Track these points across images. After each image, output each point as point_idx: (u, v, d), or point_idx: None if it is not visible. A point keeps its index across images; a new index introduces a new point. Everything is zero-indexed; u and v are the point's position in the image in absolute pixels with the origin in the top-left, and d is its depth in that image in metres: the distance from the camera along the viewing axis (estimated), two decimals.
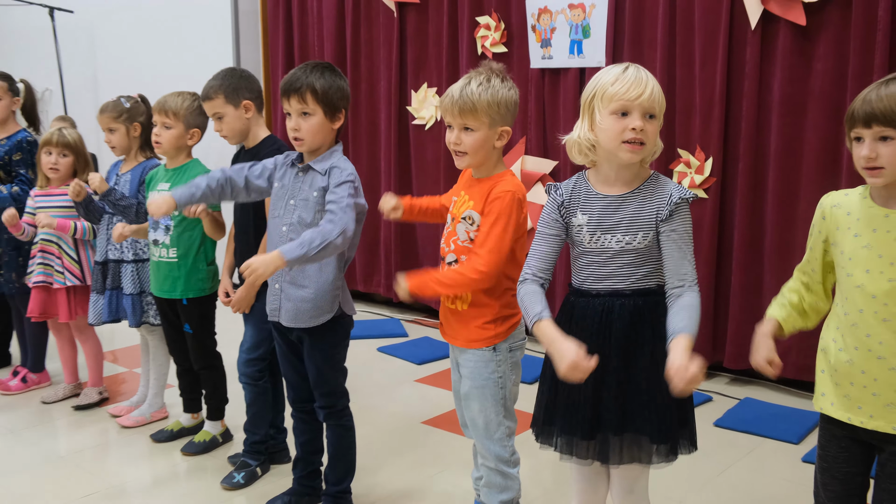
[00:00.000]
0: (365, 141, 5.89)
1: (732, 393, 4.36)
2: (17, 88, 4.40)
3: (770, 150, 4.19)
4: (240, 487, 3.37)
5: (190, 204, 2.94)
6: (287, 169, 2.92)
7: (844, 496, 2.14)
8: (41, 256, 4.07)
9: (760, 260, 4.30)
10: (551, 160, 4.96)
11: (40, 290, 4.07)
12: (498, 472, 2.73)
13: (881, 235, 2.00)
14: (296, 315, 2.88)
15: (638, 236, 2.15)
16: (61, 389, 4.34)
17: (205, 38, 6.51)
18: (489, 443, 2.71)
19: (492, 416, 2.69)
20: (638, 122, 2.08)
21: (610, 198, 2.19)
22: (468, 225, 2.60)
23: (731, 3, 4.19)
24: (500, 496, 2.75)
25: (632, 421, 2.17)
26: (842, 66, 3.94)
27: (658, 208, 2.14)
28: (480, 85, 2.54)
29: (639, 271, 2.18)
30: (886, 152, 1.92)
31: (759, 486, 3.38)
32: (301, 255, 2.60)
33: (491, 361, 2.65)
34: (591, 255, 2.21)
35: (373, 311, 5.97)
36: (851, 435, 2.09)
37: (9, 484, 3.44)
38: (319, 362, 2.96)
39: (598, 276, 2.21)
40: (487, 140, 2.58)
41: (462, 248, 2.63)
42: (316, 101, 2.78)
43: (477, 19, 5.16)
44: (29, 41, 7.75)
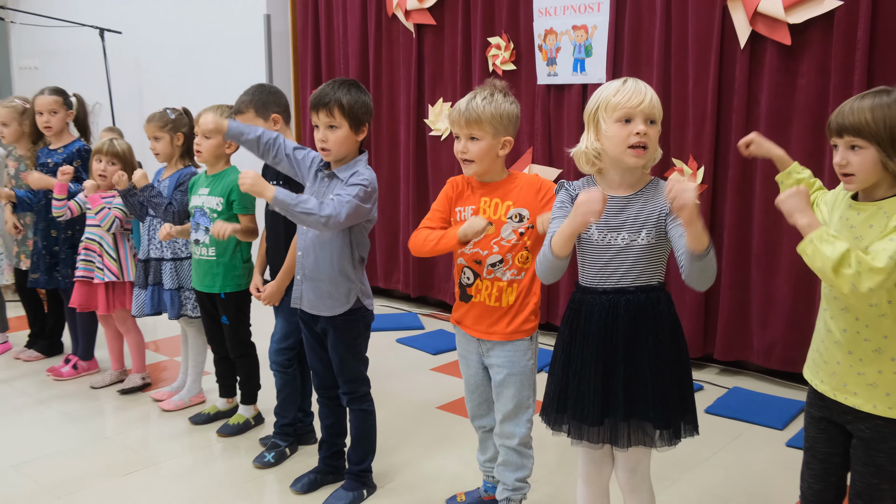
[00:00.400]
0: (386, 150, 5.91)
1: (722, 382, 4.35)
2: (71, 102, 4.44)
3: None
4: (270, 466, 3.39)
5: (236, 139, 2.94)
6: (317, 174, 2.94)
7: (823, 475, 2.15)
8: (84, 253, 4.11)
9: (748, 260, 4.29)
10: (556, 168, 4.96)
11: (82, 284, 4.12)
12: (517, 451, 2.74)
13: (843, 223, 2.04)
14: (314, 303, 2.92)
15: (642, 233, 2.16)
16: (108, 375, 4.37)
17: (240, 57, 6.53)
18: (515, 425, 2.73)
19: (524, 400, 2.71)
20: (641, 127, 2.10)
21: (616, 199, 2.19)
22: (516, 223, 2.61)
23: (722, 23, 4.18)
24: (516, 474, 2.76)
25: (637, 408, 2.17)
26: (824, 82, 3.93)
27: (661, 207, 2.15)
28: (485, 99, 2.58)
29: (641, 269, 2.18)
30: (856, 160, 1.95)
31: (745, 467, 3.37)
32: (284, 202, 2.64)
33: (528, 350, 2.69)
34: (598, 252, 2.21)
35: (392, 306, 5.98)
36: (828, 416, 2.11)
37: (60, 461, 3.47)
38: (342, 352, 2.97)
39: (603, 273, 2.21)
40: (492, 149, 2.60)
41: (507, 247, 2.63)
42: (342, 115, 2.79)
43: (488, 40, 5.16)
44: (81, 59, 7.80)
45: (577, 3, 4.72)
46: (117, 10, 7.47)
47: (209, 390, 4.11)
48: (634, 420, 2.19)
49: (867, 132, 1.92)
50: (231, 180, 3.53)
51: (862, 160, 1.94)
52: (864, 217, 1.99)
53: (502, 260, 2.64)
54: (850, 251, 1.83)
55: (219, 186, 3.55)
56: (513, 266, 2.64)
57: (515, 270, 2.64)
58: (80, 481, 3.28)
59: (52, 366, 4.57)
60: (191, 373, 4.07)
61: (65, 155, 4.34)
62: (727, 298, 4.34)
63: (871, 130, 1.91)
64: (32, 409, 4.05)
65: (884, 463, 2.01)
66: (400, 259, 5.93)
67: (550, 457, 3.42)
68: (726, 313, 4.36)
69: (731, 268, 4.31)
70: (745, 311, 4.31)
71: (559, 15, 4.80)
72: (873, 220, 1.97)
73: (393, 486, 3.22)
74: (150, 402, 4.11)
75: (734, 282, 4.31)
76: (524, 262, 2.64)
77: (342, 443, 3.21)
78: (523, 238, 2.62)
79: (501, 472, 2.80)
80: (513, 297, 2.66)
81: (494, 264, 2.65)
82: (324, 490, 3.15)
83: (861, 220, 1.99)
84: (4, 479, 3.31)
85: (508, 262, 2.63)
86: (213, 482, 3.29)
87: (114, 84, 7.17)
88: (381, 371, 4.17)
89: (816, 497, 2.17)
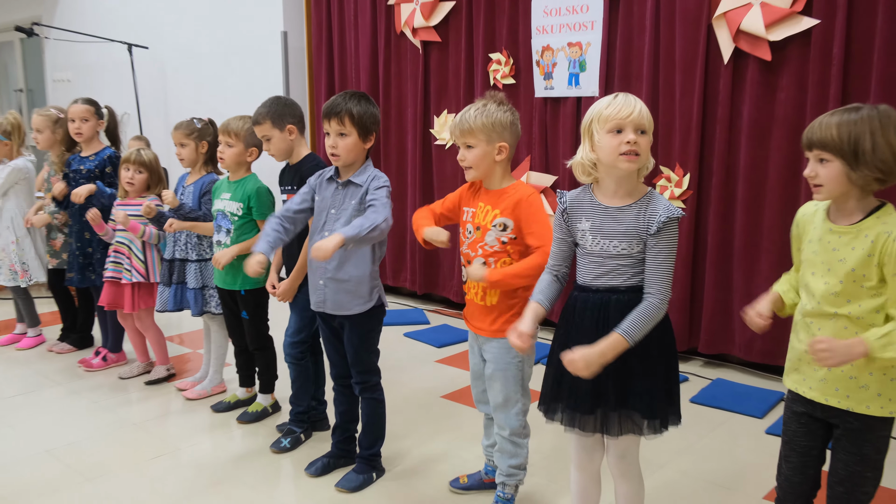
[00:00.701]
0: (394, 158, 5.91)
1: (706, 374, 4.35)
2: (102, 112, 4.44)
3: (739, 167, 4.18)
4: (286, 451, 3.40)
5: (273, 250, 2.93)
6: (325, 184, 2.95)
7: (801, 467, 2.14)
8: (114, 255, 4.11)
9: (730, 260, 4.29)
10: (552, 175, 4.97)
11: (110, 284, 4.12)
12: (510, 441, 2.76)
13: (824, 245, 2.02)
14: (340, 304, 2.92)
15: (632, 244, 2.16)
16: (135, 367, 4.38)
17: (259, 70, 6.54)
18: (507, 417, 2.74)
19: (511, 395, 2.72)
20: (631, 136, 2.10)
21: (612, 209, 2.19)
22: (499, 231, 2.61)
23: (707, 41, 4.18)
24: (510, 461, 2.78)
25: (626, 399, 2.18)
26: (801, 95, 3.94)
27: (648, 224, 2.14)
28: (477, 110, 2.59)
29: (632, 272, 2.18)
30: (823, 172, 1.96)
31: (728, 453, 3.38)
32: (355, 235, 2.61)
33: (512, 348, 2.67)
34: (593, 256, 2.22)
35: (400, 302, 5.98)
36: (810, 412, 2.10)
37: (90, 446, 3.49)
38: (357, 344, 2.99)
39: (597, 274, 2.22)
40: (487, 155, 2.60)
41: (490, 252, 2.63)
42: (352, 124, 2.83)
43: (490, 55, 5.17)
44: (111, 72, 7.82)
45: (572, 22, 4.72)
46: (144, 27, 7.49)
47: (229, 380, 4.12)
48: (624, 410, 2.20)
49: (832, 147, 1.92)
50: (251, 187, 3.55)
51: (829, 172, 1.94)
52: (845, 240, 1.98)
53: (485, 263, 2.65)
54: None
55: (240, 192, 3.56)
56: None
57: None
58: (108, 465, 3.30)
59: (83, 358, 4.59)
60: (213, 364, 4.08)
61: (96, 161, 4.35)
62: (711, 296, 4.35)
63: (836, 145, 1.92)
64: (65, 398, 4.07)
65: (869, 452, 2.01)
66: (407, 259, 5.93)
67: (546, 444, 3.43)
68: (710, 310, 4.36)
69: (715, 268, 4.32)
70: (728, 308, 4.31)
71: (555, 33, 4.81)
72: (854, 242, 1.96)
73: (401, 469, 3.23)
74: (175, 391, 4.13)
75: (717, 281, 4.32)
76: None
77: (354, 428, 3.22)
78: (506, 246, 2.61)
79: (498, 458, 2.83)
80: (495, 299, 2.66)
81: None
82: (336, 473, 3.16)
83: (843, 243, 1.98)
84: (39, 462, 3.33)
85: (491, 266, 2.64)
86: (234, 466, 3.30)
87: (141, 95, 7.19)
88: (389, 362, 4.17)
89: (794, 489, 2.16)
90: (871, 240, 1.92)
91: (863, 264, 1.94)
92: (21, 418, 3.79)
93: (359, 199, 2.85)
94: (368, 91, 5.90)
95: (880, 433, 2.01)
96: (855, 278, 1.95)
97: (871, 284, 1.94)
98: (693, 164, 4.31)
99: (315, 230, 2.95)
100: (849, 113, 1.94)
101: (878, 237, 1.91)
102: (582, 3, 4.67)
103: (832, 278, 1.99)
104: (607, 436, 2.26)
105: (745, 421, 3.71)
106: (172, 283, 3.90)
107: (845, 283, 1.96)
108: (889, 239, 1.90)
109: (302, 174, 3.21)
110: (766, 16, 3.93)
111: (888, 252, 1.90)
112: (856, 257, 1.94)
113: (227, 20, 6.78)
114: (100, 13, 8.08)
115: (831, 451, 2.09)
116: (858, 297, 1.96)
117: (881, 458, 2.03)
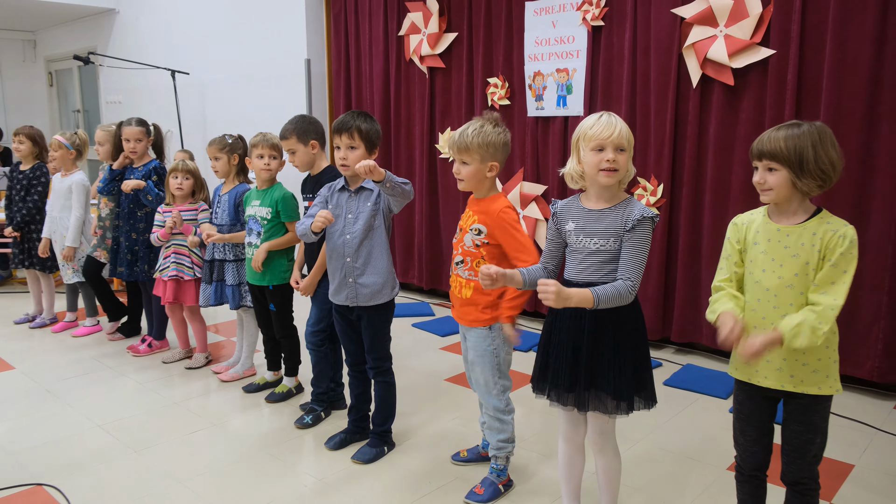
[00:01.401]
0: (404, 170, 5.88)
1: (677, 360, 4.32)
2: (150, 130, 4.44)
3: (707, 178, 4.16)
4: (308, 427, 3.39)
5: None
6: (338, 194, 2.94)
7: (758, 437, 2.14)
8: (174, 256, 4.07)
9: (699, 260, 4.26)
10: (542, 185, 4.94)
11: (173, 282, 4.09)
12: (496, 418, 2.74)
13: (773, 244, 2.03)
14: (370, 297, 2.91)
15: (610, 241, 2.16)
16: (176, 353, 4.36)
17: (285, 93, 6.52)
18: (489, 397, 2.72)
19: (489, 377, 2.70)
20: (610, 155, 2.11)
21: (594, 212, 2.20)
22: (475, 235, 2.61)
23: (678, 68, 4.16)
24: (498, 436, 2.75)
25: (597, 381, 2.18)
26: (760, 116, 3.91)
27: (625, 222, 2.14)
28: (474, 130, 2.56)
29: (608, 268, 2.17)
30: (772, 179, 1.98)
31: (696, 429, 3.35)
32: (393, 180, 2.63)
33: (487, 337, 2.66)
34: (576, 252, 2.22)
35: (408, 297, 5.96)
36: (762, 393, 2.10)
37: (137, 422, 3.47)
38: (374, 333, 2.97)
39: (578, 269, 2.21)
40: (479, 171, 2.59)
41: (467, 251, 2.64)
42: (360, 138, 2.85)
43: (488, 80, 5.15)
44: (156, 95, 7.82)
45: (559, 51, 4.70)
46: (185, 55, 7.49)
47: (259, 365, 4.11)
48: (594, 391, 2.20)
49: (781, 157, 1.95)
50: (278, 194, 3.53)
51: (777, 179, 1.97)
52: (793, 238, 1.99)
53: (462, 260, 2.65)
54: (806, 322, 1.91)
55: (268, 199, 3.55)
56: (471, 268, 2.64)
57: (472, 272, 2.63)
58: (152, 438, 3.28)
59: (131, 344, 4.57)
60: (244, 351, 4.06)
61: (143, 171, 4.34)
62: (682, 291, 4.32)
63: (784, 156, 1.94)
64: (115, 380, 4.05)
65: (817, 420, 2.04)
66: (415, 258, 5.91)
67: (537, 420, 3.41)
68: (681, 303, 4.33)
69: (685, 267, 4.29)
70: (697, 301, 4.29)
71: (545, 60, 4.78)
72: (802, 238, 1.98)
73: (409, 444, 3.21)
74: (211, 374, 4.11)
75: (687, 278, 4.29)
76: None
77: (368, 408, 3.20)
78: (479, 249, 2.61)
79: (488, 434, 2.82)
80: (469, 293, 2.65)
81: (458, 263, 2.67)
82: (352, 447, 3.15)
83: (792, 241, 1.99)
84: (92, 435, 3.32)
85: (467, 264, 2.64)
86: (262, 440, 3.28)
87: (182, 115, 7.19)
88: (399, 350, 4.15)
89: (754, 458, 2.16)
90: (819, 236, 1.95)
91: (813, 257, 1.96)
92: (77, 397, 3.78)
93: (373, 201, 2.84)
94: (381, 111, 5.88)
95: (825, 405, 2.05)
96: (807, 271, 1.96)
97: (813, 276, 1.96)
98: (666, 175, 4.29)
99: (333, 234, 2.93)
100: (791, 128, 1.97)
101: (825, 234, 1.95)
102: (569, 34, 4.65)
103: (786, 272, 1.99)
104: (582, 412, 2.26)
105: (712, 401, 3.69)
106: (213, 280, 3.88)
107: (800, 276, 1.97)
108: (836, 235, 1.93)
109: (322, 183, 3.19)
110: (729, 46, 3.91)
111: (832, 246, 1.93)
112: (806, 252, 1.96)
113: (258, 49, 6.77)
114: (147, 44, 8.08)
115: (783, 424, 2.10)
116: (806, 286, 1.97)
117: (826, 425, 2.06)
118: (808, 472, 2.08)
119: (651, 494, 2.78)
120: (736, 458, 2.23)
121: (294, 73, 6.42)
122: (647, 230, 2.14)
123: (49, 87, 10.47)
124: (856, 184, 3.62)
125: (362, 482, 2.89)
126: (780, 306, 2.00)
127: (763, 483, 2.21)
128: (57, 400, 3.74)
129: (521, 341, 3.02)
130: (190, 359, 4.31)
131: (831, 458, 3.00)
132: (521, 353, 4.30)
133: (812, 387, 2.01)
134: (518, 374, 3.91)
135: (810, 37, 3.71)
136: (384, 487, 2.85)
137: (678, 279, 4.33)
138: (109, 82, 8.85)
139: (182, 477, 2.93)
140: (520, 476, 2.91)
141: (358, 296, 2.92)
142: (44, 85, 10.49)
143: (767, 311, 2.03)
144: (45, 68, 10.38)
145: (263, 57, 6.73)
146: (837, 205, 3.57)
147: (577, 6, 4.57)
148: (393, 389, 3.09)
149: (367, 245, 2.88)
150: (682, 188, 4.27)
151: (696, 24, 4.04)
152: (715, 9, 3.95)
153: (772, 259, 2.02)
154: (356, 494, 2.79)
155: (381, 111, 5.90)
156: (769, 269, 2.02)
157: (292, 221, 3.53)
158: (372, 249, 2.89)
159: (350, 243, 2.88)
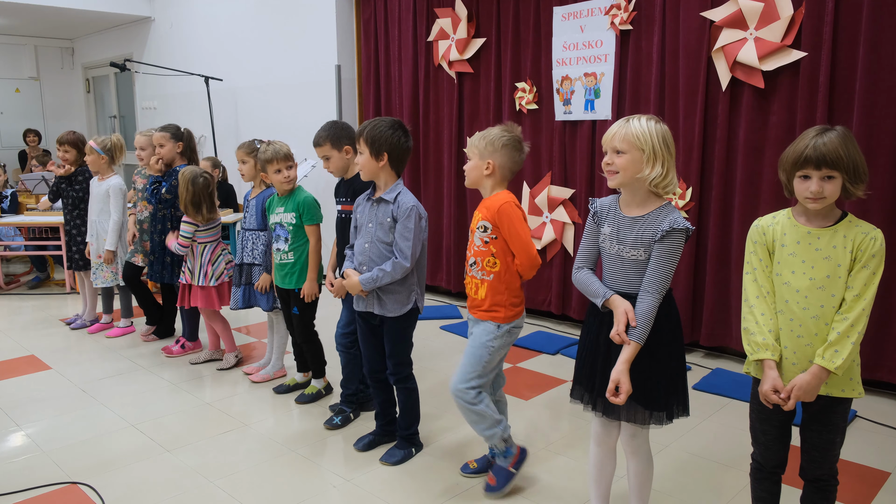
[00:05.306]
0: (433, 174, 5.89)
1: (707, 364, 4.27)
2: (180, 135, 4.47)
3: (736, 181, 4.11)
4: (338, 428, 3.39)
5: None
6: (364, 202, 2.97)
7: (779, 436, 2.15)
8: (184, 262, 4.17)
9: (728, 264, 4.21)
10: (570, 188, 4.91)
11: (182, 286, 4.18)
12: (470, 412, 2.67)
13: (804, 247, 2.00)
14: (389, 307, 2.89)
15: (641, 252, 2.12)
16: (203, 354, 4.40)
17: (316, 98, 6.56)
18: (459, 380, 2.67)
19: (470, 368, 2.66)
20: (606, 158, 2.14)
21: (629, 218, 2.16)
22: (481, 233, 2.62)
23: (707, 71, 4.11)
24: (479, 426, 2.71)
25: (633, 393, 2.12)
26: (791, 118, 3.86)
27: (656, 232, 2.10)
28: (483, 130, 2.66)
29: (643, 277, 2.14)
30: (829, 188, 1.93)
31: (725, 434, 3.31)
32: (371, 282, 2.82)
33: (491, 333, 2.65)
34: (610, 260, 2.19)
35: (436, 299, 5.95)
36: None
37: (169, 421, 3.50)
38: (395, 339, 2.96)
39: (615, 276, 2.18)
40: (477, 168, 2.64)
41: (478, 251, 2.65)
42: (364, 143, 2.87)
43: (516, 84, 5.13)
44: (190, 101, 7.91)
45: (588, 55, 4.67)
46: (219, 62, 7.57)
47: (289, 366, 4.13)
48: (631, 402, 2.15)
49: (841, 165, 1.90)
50: (301, 199, 3.57)
51: (833, 188, 1.93)
52: (825, 240, 1.97)
53: (475, 262, 2.65)
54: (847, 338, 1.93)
55: (291, 204, 3.58)
56: (483, 268, 2.63)
57: (484, 272, 2.63)
58: (185, 437, 3.31)
59: (165, 346, 4.62)
60: (275, 352, 4.08)
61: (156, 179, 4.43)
62: (711, 295, 4.26)
63: (843, 164, 1.90)
64: (149, 380, 4.09)
65: (838, 420, 2.05)
66: (443, 261, 5.90)
67: (566, 425, 3.38)
68: (710, 307, 4.28)
69: (714, 270, 4.23)
70: (726, 305, 4.23)
71: (573, 64, 4.76)
72: (835, 241, 1.97)
73: (436, 445, 3.20)
74: (242, 375, 4.13)
75: (716, 282, 4.23)
76: (492, 266, 2.62)
77: (393, 412, 3.19)
78: (488, 245, 2.61)
79: (473, 429, 2.75)
80: (483, 293, 2.64)
81: (472, 265, 2.68)
82: (380, 448, 3.15)
83: (825, 244, 1.97)
84: (126, 434, 3.35)
85: (480, 265, 2.64)
86: (292, 440, 3.29)
87: (216, 120, 7.26)
88: (427, 352, 4.15)
89: (775, 456, 2.16)
90: (850, 239, 1.95)
91: (845, 259, 1.95)
92: (111, 397, 3.82)
93: (390, 214, 2.83)
94: (410, 116, 5.89)
95: (846, 405, 2.06)
96: (839, 273, 1.95)
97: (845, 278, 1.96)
98: (695, 178, 4.24)
99: (356, 241, 2.96)
100: (834, 134, 1.93)
101: (857, 236, 1.94)
102: (597, 38, 4.61)
103: (817, 273, 1.97)
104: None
105: (741, 406, 3.62)
106: (242, 284, 3.91)
107: (831, 277, 1.96)
108: (867, 238, 1.94)
109: (355, 188, 3.20)
110: (759, 49, 3.86)
111: (864, 248, 1.93)
112: (837, 254, 1.96)
113: (289, 55, 6.82)
114: (181, 51, 8.17)
115: (802, 425, 2.11)
116: (836, 288, 1.96)
117: (846, 425, 2.09)
118: (829, 469, 2.10)
119: (681, 500, 2.74)
120: (754, 457, 2.22)
121: (324, 79, 6.45)
122: (676, 242, 2.08)
123: (86, 94, 10.65)
124: (891, 187, 3.55)
125: (390, 483, 2.88)
126: (810, 307, 1.98)
127: (779, 481, 2.21)
128: (92, 400, 3.78)
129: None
130: (220, 360, 4.34)
131: (867, 466, 2.93)
132: (548, 355, 4.31)
133: (835, 389, 2.02)
134: (543, 376, 3.88)
135: (843, 38, 3.64)
136: (412, 489, 2.84)
137: (707, 283, 4.28)
138: (145, 88, 8.97)
139: (213, 476, 2.94)
140: (547, 478, 2.89)
141: (377, 305, 2.91)
142: (81, 91, 10.67)
143: (796, 312, 2.00)
144: (83, 75, 10.57)
145: (294, 63, 6.78)
146: (872, 209, 3.50)
147: (606, 10, 4.54)
148: (415, 394, 3.08)
149: (386, 254, 2.86)
150: (711, 192, 4.22)
151: (725, 27, 3.99)
152: (745, 11, 3.90)
153: (802, 261, 2.00)
154: (384, 495, 2.79)
155: (410, 116, 5.90)
156: (799, 271, 2.00)
157: (312, 225, 3.55)
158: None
159: (370, 251, 2.88)
